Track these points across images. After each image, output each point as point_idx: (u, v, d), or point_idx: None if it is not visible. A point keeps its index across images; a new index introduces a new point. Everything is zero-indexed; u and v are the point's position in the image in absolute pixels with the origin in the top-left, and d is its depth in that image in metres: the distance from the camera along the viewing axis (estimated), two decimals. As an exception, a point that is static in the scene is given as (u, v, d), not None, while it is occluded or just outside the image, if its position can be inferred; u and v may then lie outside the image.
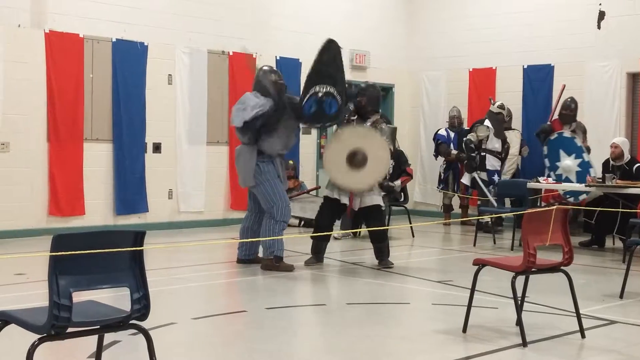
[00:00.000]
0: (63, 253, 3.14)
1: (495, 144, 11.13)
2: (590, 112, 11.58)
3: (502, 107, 11.22)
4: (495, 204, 10.64)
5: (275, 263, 7.58)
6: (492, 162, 11.13)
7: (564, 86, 11.25)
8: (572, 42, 11.74)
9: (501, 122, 11.15)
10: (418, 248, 9.89)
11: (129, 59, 10.33)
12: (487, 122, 11.26)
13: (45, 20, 9.66)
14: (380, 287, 6.95)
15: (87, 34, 9.99)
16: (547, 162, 10.61)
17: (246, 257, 7.94)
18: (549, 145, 10.60)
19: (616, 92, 11.38)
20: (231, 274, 7.84)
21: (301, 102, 7.51)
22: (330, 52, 7.57)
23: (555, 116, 11.10)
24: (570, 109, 10.81)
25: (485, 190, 10.98)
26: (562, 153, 10.41)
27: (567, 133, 10.56)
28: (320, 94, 7.39)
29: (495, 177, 11.07)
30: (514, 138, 11.37)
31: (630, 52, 11.16)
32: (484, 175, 11.14)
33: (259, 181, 7.62)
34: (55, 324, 3.14)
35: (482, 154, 11.09)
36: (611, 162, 9.53)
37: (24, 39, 9.50)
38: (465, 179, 11.48)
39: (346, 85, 7.68)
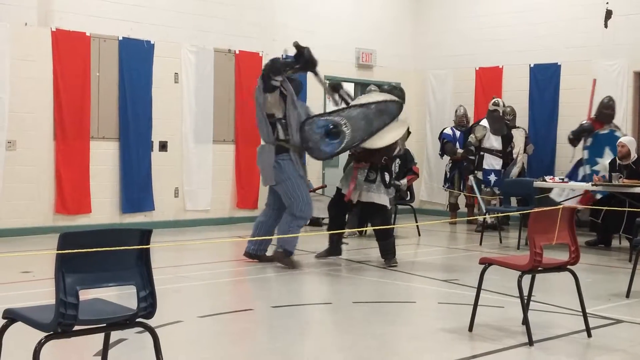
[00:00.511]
0: (70, 251, 3.15)
1: (493, 142, 11.10)
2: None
3: (496, 104, 11.17)
4: (484, 208, 10.63)
5: (284, 257, 7.63)
6: (490, 162, 11.11)
7: (595, 81, 11.10)
8: (579, 40, 11.71)
9: (498, 120, 11.11)
10: (424, 247, 9.88)
11: (136, 58, 10.35)
12: (484, 122, 11.26)
13: (52, 18, 9.68)
14: (386, 286, 6.95)
15: (94, 32, 10.00)
16: (586, 154, 10.56)
17: (254, 252, 7.97)
18: (595, 138, 10.53)
19: (623, 91, 11.34)
20: (237, 272, 7.85)
21: (316, 115, 7.77)
22: (386, 114, 7.76)
23: (592, 115, 10.99)
24: (611, 109, 10.71)
25: (477, 193, 10.99)
26: (607, 150, 10.36)
27: (619, 132, 10.50)
28: (335, 127, 7.64)
29: (492, 177, 11.03)
30: (518, 137, 11.34)
31: (638, 50, 11.13)
32: (480, 174, 11.17)
33: (280, 179, 7.70)
34: (62, 321, 3.15)
35: (481, 153, 11.10)
36: (618, 161, 9.50)
37: (30, 37, 9.53)
38: (469, 181, 11.56)
39: (358, 146, 7.80)
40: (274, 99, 7.74)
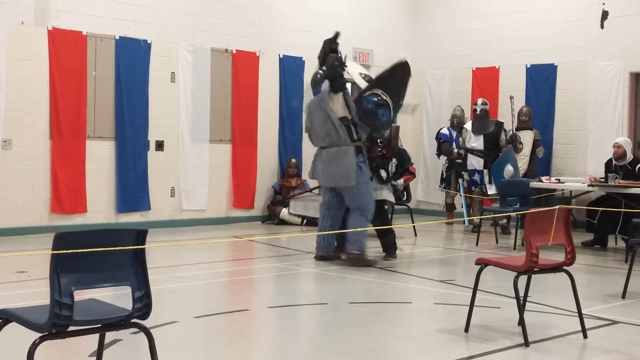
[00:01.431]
0: (65, 251, 3.14)
1: (473, 142, 11.12)
2: (592, 111, 11.58)
3: (476, 103, 11.27)
4: (465, 212, 10.68)
5: (363, 258, 7.73)
6: (471, 162, 11.15)
7: (513, 98, 11.23)
8: (576, 41, 11.72)
9: (479, 119, 11.12)
10: (420, 247, 9.88)
11: (132, 57, 10.33)
12: (468, 123, 11.33)
13: (48, 17, 9.66)
14: (382, 286, 6.95)
15: (90, 31, 9.99)
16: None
17: (328, 254, 8.03)
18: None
19: (619, 92, 11.36)
20: (233, 273, 7.84)
21: (361, 94, 7.86)
22: (402, 71, 8.01)
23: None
24: (525, 115, 11.31)
25: (463, 199, 11.03)
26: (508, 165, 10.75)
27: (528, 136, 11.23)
28: (380, 98, 7.78)
29: (476, 176, 11.06)
30: (527, 138, 11.32)
31: (634, 51, 11.15)
32: (467, 175, 11.26)
33: (360, 181, 7.78)
34: (57, 322, 3.14)
35: (467, 154, 11.16)
36: (614, 161, 9.52)
37: (27, 36, 9.51)
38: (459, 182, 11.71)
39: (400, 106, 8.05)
40: (340, 100, 7.84)
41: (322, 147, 7.95)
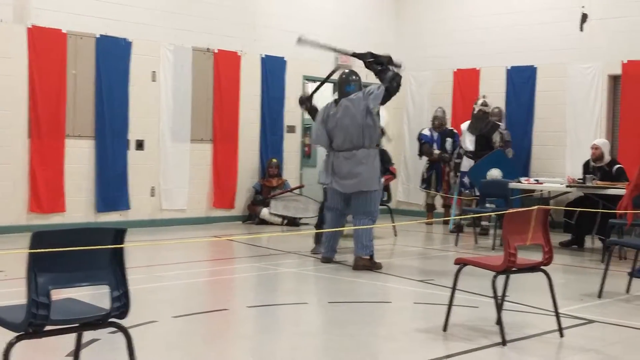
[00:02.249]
0: (42, 250, 3.12)
1: (467, 144, 11.19)
2: (571, 113, 11.68)
3: (475, 102, 11.33)
4: (453, 214, 10.76)
5: (373, 262, 7.76)
6: (464, 163, 11.24)
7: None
8: (555, 44, 11.82)
9: (476, 119, 11.20)
10: (400, 247, 9.91)
11: (113, 56, 10.28)
12: (465, 123, 11.41)
13: (28, 15, 9.59)
14: (362, 286, 6.97)
15: (71, 29, 9.93)
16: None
17: (331, 255, 8.05)
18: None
19: (597, 94, 11.46)
20: (212, 272, 7.83)
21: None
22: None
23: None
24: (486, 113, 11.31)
25: (455, 200, 11.11)
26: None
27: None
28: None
29: (466, 179, 11.13)
30: (496, 137, 11.40)
31: (612, 54, 11.25)
32: (459, 177, 11.34)
33: (379, 187, 7.93)
34: (33, 322, 3.12)
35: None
36: (591, 163, 9.60)
37: (6, 34, 9.43)
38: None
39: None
40: (363, 104, 7.81)
41: (341, 150, 7.78)
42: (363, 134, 7.71)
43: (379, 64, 7.89)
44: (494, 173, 10.59)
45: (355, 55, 8.18)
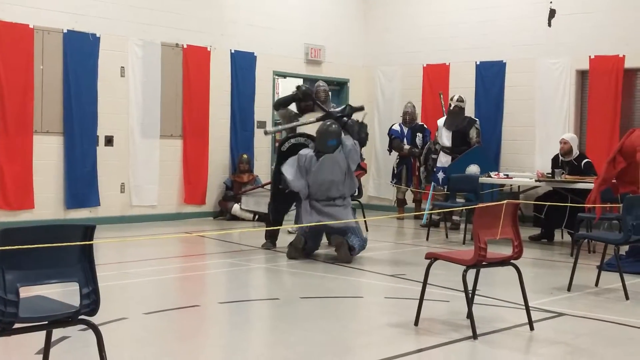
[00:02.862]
0: (10, 247, 3.08)
1: (444, 139, 11.25)
2: (540, 108, 11.79)
3: (451, 98, 11.41)
4: (427, 208, 10.88)
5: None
6: (440, 159, 11.29)
7: (441, 94, 11.92)
8: (524, 39, 11.91)
9: (452, 115, 11.26)
10: (371, 242, 9.90)
11: (81, 51, 10.17)
12: (441, 119, 11.46)
13: (-7, 9, 9.45)
14: (333, 281, 6.98)
15: (37, 24, 9.80)
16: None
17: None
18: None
19: (565, 89, 11.58)
20: (184, 269, 7.79)
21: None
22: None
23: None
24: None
25: (430, 195, 11.20)
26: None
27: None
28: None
29: (440, 175, 11.16)
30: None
31: (580, 49, 11.37)
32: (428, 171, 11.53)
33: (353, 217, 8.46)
34: (2, 319, 3.08)
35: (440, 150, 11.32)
36: (560, 157, 9.71)
37: (-29, 28, 9.29)
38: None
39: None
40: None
41: (319, 200, 7.99)
42: (343, 188, 8.06)
43: (344, 116, 8.35)
44: (473, 169, 10.65)
45: (326, 115, 8.48)
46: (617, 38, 11.04)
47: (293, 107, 8.95)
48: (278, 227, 8.51)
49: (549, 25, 11.70)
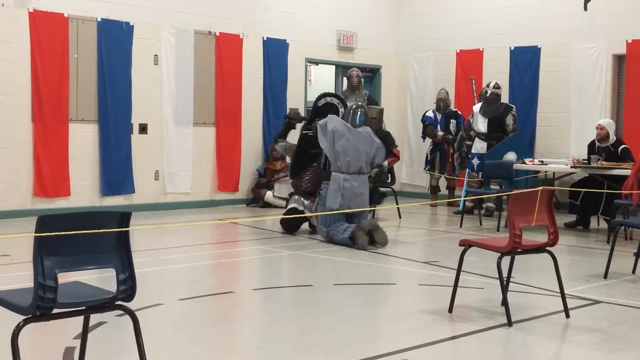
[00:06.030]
0: (48, 234, 3.12)
1: (480, 126, 11.12)
2: (575, 93, 11.63)
3: (487, 85, 11.22)
4: (464, 194, 10.77)
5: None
6: (476, 146, 11.16)
7: (473, 79, 11.84)
8: (559, 23, 11.74)
9: (488, 102, 11.10)
10: (405, 229, 9.91)
11: (115, 39, 10.25)
12: (476, 105, 11.33)
13: (29, -1, 9.56)
14: (367, 268, 6.98)
15: (72, 13, 9.89)
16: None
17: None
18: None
19: (602, 74, 11.40)
20: (218, 255, 7.85)
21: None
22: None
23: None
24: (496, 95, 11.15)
25: (465, 182, 11.10)
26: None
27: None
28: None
29: (475, 161, 11.03)
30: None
31: (616, 33, 11.18)
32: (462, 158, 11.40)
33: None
34: (41, 305, 3.13)
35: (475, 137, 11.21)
36: (597, 143, 9.57)
37: (7, 18, 9.39)
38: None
39: None
40: None
41: (349, 173, 8.19)
42: (367, 168, 8.39)
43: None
44: (510, 156, 10.54)
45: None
46: (656, 21, 10.84)
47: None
48: (300, 216, 8.55)
49: (585, 9, 11.46)
